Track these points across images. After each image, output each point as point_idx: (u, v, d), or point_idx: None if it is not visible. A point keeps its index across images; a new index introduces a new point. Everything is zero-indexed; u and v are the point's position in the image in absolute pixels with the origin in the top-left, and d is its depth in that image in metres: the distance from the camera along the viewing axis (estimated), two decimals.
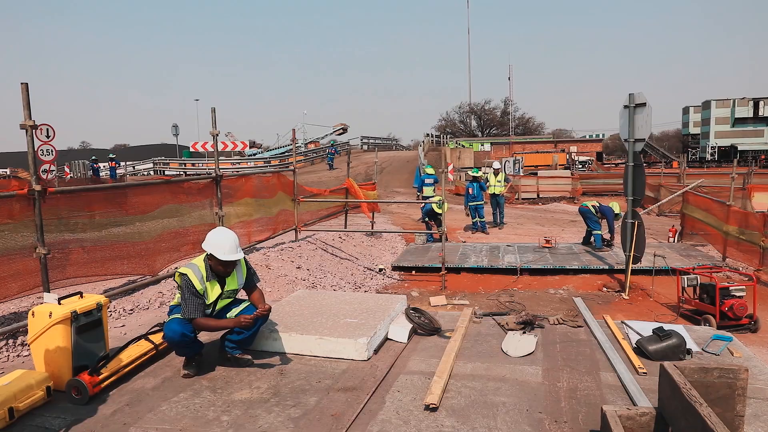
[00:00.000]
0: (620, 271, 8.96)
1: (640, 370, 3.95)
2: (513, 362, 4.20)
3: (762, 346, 6.42)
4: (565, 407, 3.49)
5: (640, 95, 8.06)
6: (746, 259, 9.81)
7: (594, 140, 57.43)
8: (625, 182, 8.40)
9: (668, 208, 18.46)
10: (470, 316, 5.21)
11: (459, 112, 72.53)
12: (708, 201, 11.87)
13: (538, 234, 13.17)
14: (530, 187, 25.79)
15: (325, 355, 4.31)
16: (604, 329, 4.86)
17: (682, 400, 2.49)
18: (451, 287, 9.00)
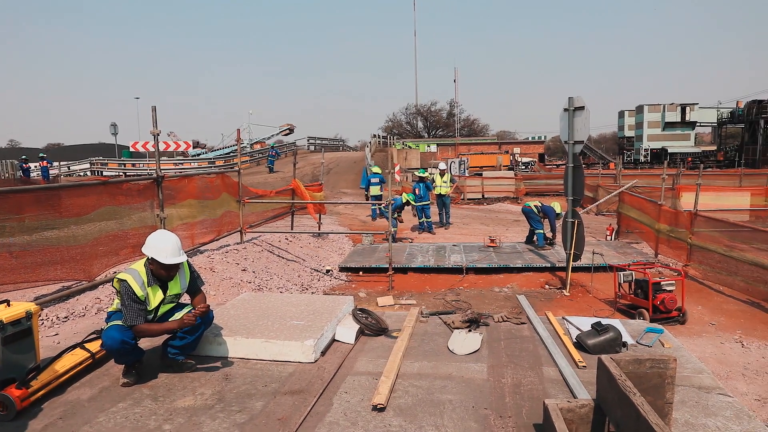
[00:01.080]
0: (561, 269, 9.27)
1: (579, 364, 4.09)
2: (459, 360, 4.27)
3: (689, 336, 6.79)
4: (509, 402, 3.57)
5: (578, 99, 8.35)
6: (676, 255, 10.34)
7: (536, 142, 59.16)
8: (566, 183, 8.69)
9: (606, 208, 19.23)
10: (417, 315, 5.25)
11: (406, 113, 73.21)
12: (642, 201, 12.44)
13: (483, 233, 13.44)
14: (475, 187, 26.28)
15: (271, 359, 4.24)
16: (546, 325, 5.01)
17: (618, 391, 2.60)
18: (398, 287, 9.05)
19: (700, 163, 38.97)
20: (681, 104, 59.93)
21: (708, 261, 9.39)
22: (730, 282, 8.78)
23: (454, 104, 70.17)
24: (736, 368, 5.92)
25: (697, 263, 9.62)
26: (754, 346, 6.56)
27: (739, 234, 8.98)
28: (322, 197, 14.14)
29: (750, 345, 6.58)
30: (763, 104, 50.65)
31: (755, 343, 6.66)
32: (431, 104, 72.29)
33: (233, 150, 37.78)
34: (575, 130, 8.37)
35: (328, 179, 27.03)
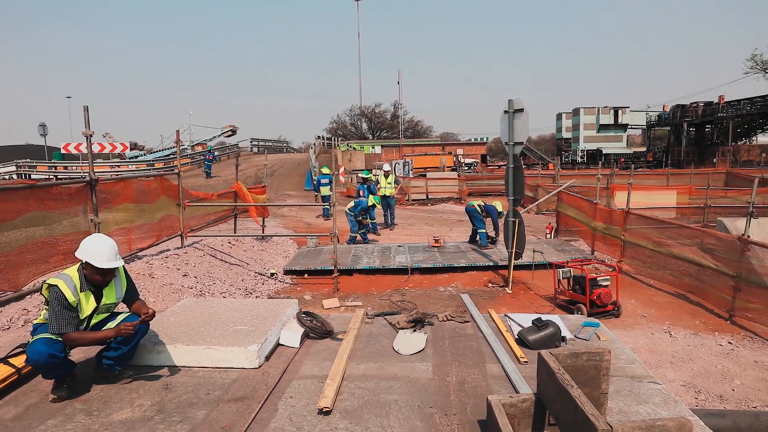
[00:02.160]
0: (504, 267, 9.50)
1: (521, 360, 4.20)
2: (404, 360, 4.29)
3: (623, 329, 7.10)
4: (454, 400, 3.62)
5: (518, 102, 8.59)
6: (611, 252, 10.80)
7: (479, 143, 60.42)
8: (507, 183, 8.92)
9: (545, 207, 19.86)
10: (362, 317, 5.25)
11: (350, 114, 73.19)
12: (578, 200, 12.92)
13: (427, 234, 13.60)
14: (420, 188, 26.57)
15: (214, 366, 4.13)
16: (489, 323, 5.11)
17: (557, 384, 2.68)
18: (344, 289, 9.03)
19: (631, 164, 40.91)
20: (614, 107, 62.76)
21: (640, 256, 9.86)
22: (659, 276, 9.25)
23: (398, 106, 70.76)
24: (665, 357, 6.24)
25: (630, 259, 10.08)
26: (681, 335, 6.94)
27: (667, 230, 9.48)
28: (266, 200, 13.93)
29: (677, 334, 6.95)
30: (686, 108, 53.69)
31: (682, 332, 7.04)
32: (375, 106, 72.62)
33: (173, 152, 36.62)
34: (515, 132, 8.59)
35: (271, 181, 26.65)
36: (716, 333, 7.05)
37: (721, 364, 6.05)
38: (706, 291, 8.16)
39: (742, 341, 6.79)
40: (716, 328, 7.25)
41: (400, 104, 70.87)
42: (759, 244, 7.37)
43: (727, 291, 7.61)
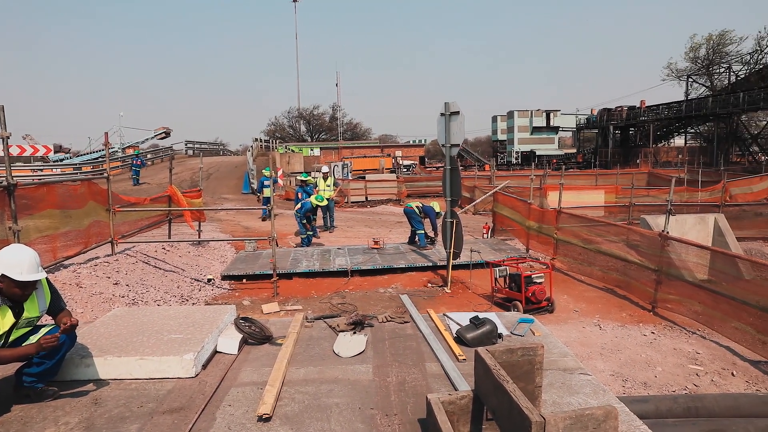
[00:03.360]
0: (442, 267, 9.66)
1: (460, 358, 4.28)
2: (345, 363, 4.29)
3: (557, 323, 7.39)
4: (395, 400, 3.64)
5: (454, 104, 8.76)
6: (544, 250, 11.20)
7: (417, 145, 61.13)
8: (444, 184, 9.08)
9: (482, 207, 20.35)
10: (302, 320, 5.20)
11: (288, 116, 72.40)
12: (513, 200, 13.32)
13: (367, 236, 13.64)
14: (359, 190, 26.61)
15: (147, 377, 3.98)
16: (428, 322, 5.19)
17: (493, 380, 2.76)
18: (283, 293, 8.91)
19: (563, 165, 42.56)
20: (546, 111, 65.09)
21: (571, 254, 10.28)
22: (589, 272, 9.68)
23: (337, 108, 70.64)
24: (596, 349, 6.54)
25: (563, 256, 10.50)
26: (609, 327, 7.29)
27: (595, 228, 9.93)
28: (201, 204, 13.56)
29: (606, 327, 7.29)
30: (611, 112, 56.49)
31: (610, 325, 7.40)
32: (314, 108, 72.19)
33: (102, 155, 34.95)
34: (452, 134, 8.76)
35: (208, 185, 25.96)
36: (641, 324, 7.45)
37: (645, 353, 6.39)
38: (632, 285, 8.61)
39: (663, 331, 7.21)
40: (641, 319, 7.67)
41: (338, 106, 70.79)
42: (677, 240, 7.85)
43: (650, 284, 8.06)
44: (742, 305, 6.54)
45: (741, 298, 6.60)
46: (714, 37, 53.82)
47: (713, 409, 4.56)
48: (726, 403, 4.63)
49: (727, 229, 12.15)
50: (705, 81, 56.12)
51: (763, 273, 6.60)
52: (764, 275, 6.55)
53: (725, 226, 12.18)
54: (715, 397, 4.76)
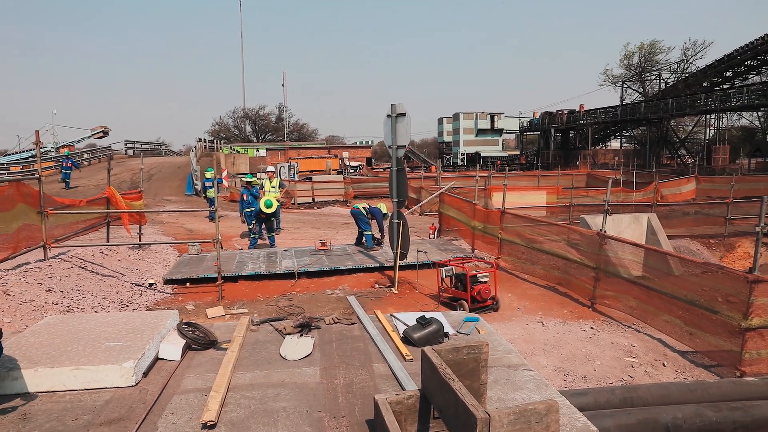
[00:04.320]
0: (390, 268, 9.71)
1: (407, 358, 4.32)
2: (292, 366, 4.24)
3: (502, 321, 7.56)
4: (342, 402, 3.64)
5: (400, 106, 8.83)
6: (489, 250, 11.44)
7: (364, 146, 61.30)
8: (391, 185, 9.13)
9: (429, 208, 20.58)
10: (248, 324, 5.11)
11: (233, 116, 71.06)
12: (459, 201, 13.55)
13: (314, 237, 13.55)
14: (306, 192, 26.42)
15: (83, 388, 3.81)
16: (376, 323, 5.20)
17: (439, 379, 2.80)
18: (229, 297, 8.73)
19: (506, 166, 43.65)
20: (490, 113, 66.56)
21: (515, 253, 10.55)
22: (532, 270, 9.96)
23: (283, 108, 69.85)
24: (539, 345, 6.73)
25: (507, 255, 10.75)
26: (552, 324, 7.53)
27: (538, 228, 10.23)
28: (142, 206, 13.10)
29: (549, 324, 7.53)
30: (552, 115, 58.38)
31: (552, 321, 7.64)
32: (260, 108, 71.19)
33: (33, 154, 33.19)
34: (398, 135, 8.83)
35: (149, 186, 25.11)
36: (581, 320, 7.73)
37: (585, 348, 6.64)
38: (573, 282, 8.92)
39: (601, 326, 7.51)
40: (581, 315, 7.96)
41: (285, 107, 69.97)
42: (613, 238, 8.19)
43: (589, 281, 8.37)
44: (672, 299, 6.90)
45: (671, 292, 6.96)
46: (645, 47, 56.88)
47: (647, 399, 4.79)
48: (658, 392, 4.87)
49: (659, 228, 12.79)
50: (638, 87, 59.04)
51: (690, 269, 6.98)
52: (691, 271, 6.93)
53: (657, 225, 12.82)
54: (648, 387, 4.99)
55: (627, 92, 58.84)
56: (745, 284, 5.82)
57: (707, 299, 6.45)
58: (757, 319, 5.75)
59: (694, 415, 4.48)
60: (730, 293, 6.15)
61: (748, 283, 5.77)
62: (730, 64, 45.23)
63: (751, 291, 5.74)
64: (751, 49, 42.35)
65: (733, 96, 38.75)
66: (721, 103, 39.19)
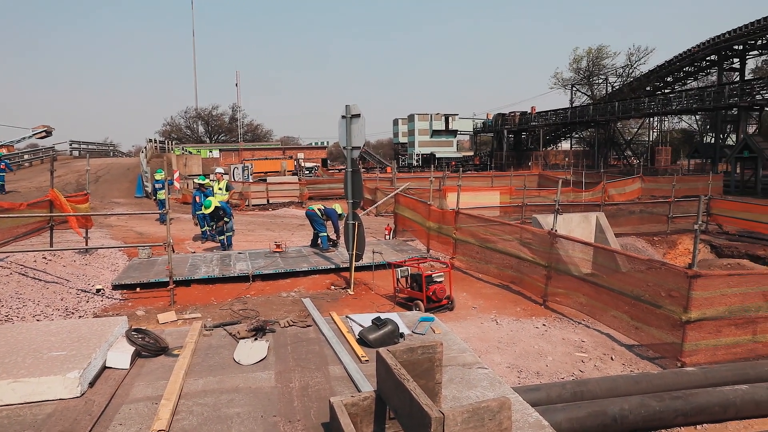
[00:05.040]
0: (345, 269, 9.69)
1: (363, 359, 4.32)
2: (246, 371, 4.17)
3: (457, 321, 7.66)
4: (298, 406, 3.60)
5: (355, 107, 8.82)
6: (444, 250, 11.57)
7: (319, 147, 60.94)
8: (346, 186, 9.11)
9: (384, 209, 20.64)
10: (200, 329, 5.00)
11: (185, 116, 69.41)
12: (414, 201, 13.64)
13: (269, 239, 13.37)
14: (260, 193, 26.07)
15: (23, 401, 3.63)
16: (331, 325, 5.18)
17: (394, 380, 2.81)
18: (181, 301, 8.52)
19: (461, 167, 44.26)
20: (445, 114, 67.32)
21: (469, 253, 10.71)
22: (486, 270, 10.13)
23: (237, 108, 68.71)
24: (493, 343, 6.85)
25: (462, 255, 10.90)
26: (505, 322, 7.67)
27: (491, 228, 10.41)
28: (89, 208, 12.62)
29: (502, 322, 7.67)
30: (505, 117, 59.58)
31: (506, 319, 7.79)
32: (213, 108, 69.78)
33: None
34: (353, 137, 8.81)
35: (96, 188, 24.22)
36: (533, 317, 7.91)
37: (537, 345, 6.80)
38: (525, 281, 9.12)
39: (553, 322, 7.70)
40: (533, 312, 8.14)
41: (238, 107, 68.86)
42: (564, 237, 8.42)
43: (541, 279, 8.58)
44: (619, 295, 7.15)
45: (618, 289, 7.21)
46: (593, 51, 58.89)
47: (596, 392, 4.95)
48: (606, 385, 5.04)
49: (607, 226, 13.23)
50: (587, 90, 60.99)
51: (636, 266, 7.25)
52: (637, 268, 7.20)
53: (605, 224, 13.25)
54: (597, 381, 5.16)
55: (576, 95, 60.76)
56: (685, 279, 6.08)
57: (651, 294, 6.72)
58: (696, 312, 6.02)
59: (639, 405, 4.66)
60: (672, 288, 6.42)
61: (688, 278, 6.04)
62: (670, 70, 47.30)
63: (691, 286, 6.00)
64: (689, 56, 44.41)
65: (673, 100, 40.47)
66: (663, 106, 40.87)
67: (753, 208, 16.37)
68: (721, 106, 35.38)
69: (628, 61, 56.74)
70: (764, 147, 29.25)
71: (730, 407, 4.91)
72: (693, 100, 38.25)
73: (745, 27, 37.76)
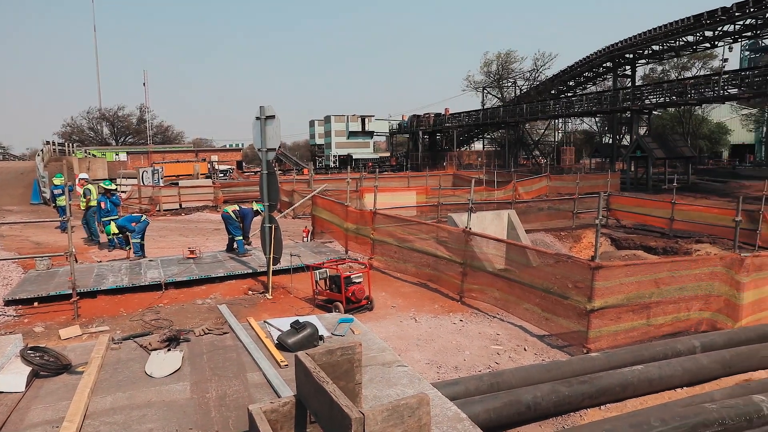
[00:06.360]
0: (263, 273, 9.49)
1: (282, 364, 4.25)
2: (159, 383, 3.99)
3: (376, 320, 7.72)
4: (215, 416, 3.49)
5: (269, 108, 8.65)
6: (362, 250, 11.62)
7: (234, 149, 59.32)
8: (261, 189, 8.93)
9: (302, 211, 20.42)
10: (108, 343, 4.72)
11: (88, 117, 65.27)
12: (332, 203, 13.60)
13: (182, 245, 12.85)
14: (172, 197, 25.01)
15: None
16: (249, 331, 5.07)
17: (314, 383, 2.78)
18: (86, 314, 7.99)
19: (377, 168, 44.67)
20: (361, 116, 67.65)
21: (388, 252, 10.82)
22: (404, 269, 10.28)
23: (145, 109, 65.50)
24: (412, 340, 6.96)
25: (380, 255, 10.99)
26: (424, 319, 7.82)
27: (408, 227, 10.58)
28: None
29: (421, 319, 7.82)
30: (420, 118, 60.79)
31: (424, 317, 7.94)
32: (118, 108, 66.11)
33: None
34: (268, 138, 8.65)
35: None
36: (451, 314, 8.12)
37: (455, 340, 6.98)
38: (442, 278, 9.34)
39: (469, 318, 7.95)
40: (451, 309, 8.35)
41: (147, 108, 65.64)
42: (478, 235, 8.71)
43: (457, 276, 8.82)
44: (531, 289, 7.49)
45: (530, 282, 7.55)
46: (502, 55, 61.54)
47: (511, 382, 5.16)
48: (520, 375, 5.27)
49: (518, 223, 13.84)
50: (497, 93, 63.52)
51: (545, 260, 7.63)
52: (546, 262, 7.58)
53: (516, 221, 13.86)
54: (512, 371, 5.39)
55: (487, 97, 63.08)
56: (588, 271, 6.48)
57: (560, 287, 7.09)
58: (599, 301, 6.43)
59: (551, 391, 4.91)
60: (577, 280, 6.82)
61: (591, 270, 6.43)
62: (572, 75, 50.25)
63: (594, 277, 6.40)
64: (588, 62, 47.42)
65: (575, 103, 42.97)
66: (566, 108, 43.29)
67: (645, 203, 17.73)
68: (617, 109, 38.05)
69: (535, 66, 59.90)
70: (653, 147, 31.80)
71: (629, 387, 5.30)
72: (592, 104, 40.84)
73: (634, 38, 40.86)
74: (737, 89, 30.29)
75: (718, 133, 58.98)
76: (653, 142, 32.74)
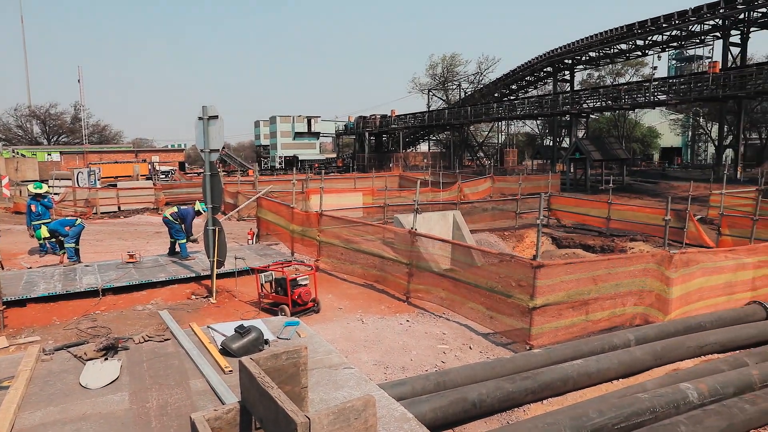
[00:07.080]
0: (207, 277, 9.26)
1: (226, 370, 4.16)
2: (95, 395, 3.82)
3: (323, 323, 7.67)
4: (156, 427, 3.38)
5: (212, 108, 8.46)
6: (309, 252, 11.53)
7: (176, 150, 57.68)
8: (204, 191, 8.72)
9: (246, 213, 20.06)
10: (38, 354, 4.48)
11: (16, 115, 61.78)
12: (277, 205, 13.43)
13: (121, 249, 12.36)
14: (110, 199, 24.06)
15: None
16: (192, 337, 4.93)
17: (258, 388, 2.74)
18: (14, 324, 7.56)
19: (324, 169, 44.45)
20: (307, 117, 67.19)
21: (334, 254, 10.77)
22: (351, 270, 10.27)
23: (80, 107, 62.63)
24: (359, 342, 6.96)
25: (326, 257, 10.93)
26: (371, 320, 7.84)
27: (355, 228, 10.58)
28: None
29: (368, 321, 7.83)
30: (366, 120, 60.94)
31: (371, 318, 7.96)
32: (50, 106, 62.94)
33: None
34: (211, 139, 8.46)
35: None
36: (397, 314, 8.17)
37: (402, 340, 7.03)
38: (389, 279, 9.39)
39: (416, 318, 8.02)
40: (398, 310, 8.40)
41: (82, 106, 62.76)
42: (423, 236, 8.81)
43: (404, 277, 8.88)
44: (476, 288, 7.63)
45: (474, 282, 7.69)
46: (447, 59, 62.50)
47: (457, 380, 5.24)
48: (465, 373, 5.36)
49: (463, 224, 14.08)
50: (442, 95, 64.46)
51: (489, 259, 7.80)
52: (490, 261, 7.74)
53: (461, 221, 14.09)
54: (458, 370, 5.47)
55: (432, 99, 63.95)
56: (530, 270, 6.66)
57: (504, 285, 7.26)
58: (541, 298, 6.63)
59: (495, 389, 5.02)
60: (520, 278, 7.00)
61: (533, 268, 6.62)
62: (514, 78, 51.71)
63: (536, 275, 6.59)
64: (529, 67, 48.93)
65: (518, 106, 44.21)
66: (509, 111, 44.46)
67: (583, 203, 18.43)
68: (557, 112, 39.41)
69: (479, 69, 61.14)
70: (591, 150, 33.09)
71: (569, 381, 5.49)
72: (534, 107, 42.11)
73: (572, 44, 42.45)
74: (666, 95, 32.02)
75: (649, 136, 62.11)
76: (591, 144, 34.07)
